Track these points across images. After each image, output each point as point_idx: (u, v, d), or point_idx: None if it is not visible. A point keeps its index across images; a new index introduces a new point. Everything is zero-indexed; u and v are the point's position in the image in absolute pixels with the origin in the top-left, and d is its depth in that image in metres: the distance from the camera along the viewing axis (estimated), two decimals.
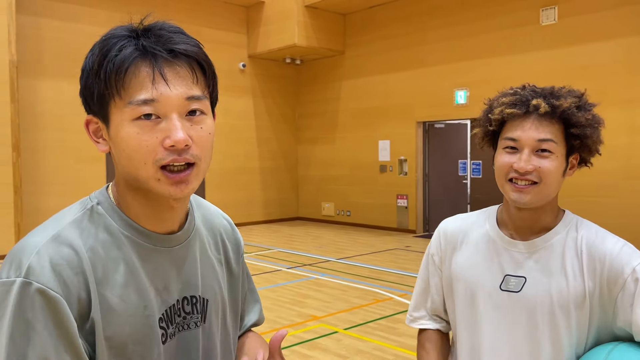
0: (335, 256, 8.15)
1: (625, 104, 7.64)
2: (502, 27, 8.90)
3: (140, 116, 0.81)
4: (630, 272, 1.15)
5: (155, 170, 0.83)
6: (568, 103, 1.21)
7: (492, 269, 1.28)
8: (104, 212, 0.89)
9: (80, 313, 0.80)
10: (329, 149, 11.90)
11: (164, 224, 0.91)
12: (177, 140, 0.81)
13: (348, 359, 4.04)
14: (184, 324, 0.94)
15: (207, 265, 1.00)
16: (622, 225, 7.68)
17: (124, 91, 0.82)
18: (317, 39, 10.86)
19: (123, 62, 0.81)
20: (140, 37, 0.84)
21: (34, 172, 8.89)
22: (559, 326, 1.20)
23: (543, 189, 1.20)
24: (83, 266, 0.82)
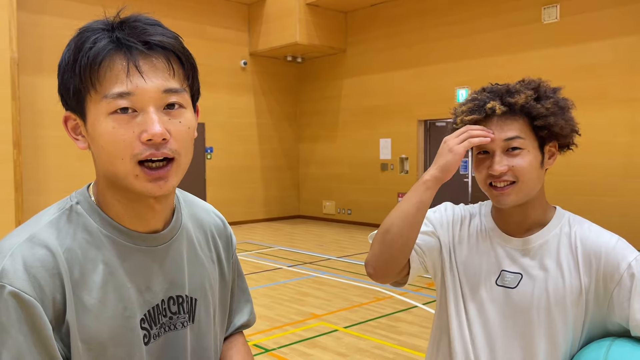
0: (336, 254, 8.15)
1: (627, 102, 7.62)
2: (504, 25, 8.88)
3: (117, 110, 0.79)
4: (627, 267, 1.16)
5: (133, 165, 0.80)
6: (523, 98, 1.21)
7: (489, 264, 1.28)
8: (83, 212, 0.87)
9: (56, 315, 0.79)
10: (330, 147, 11.90)
11: (147, 222, 0.89)
12: (154, 133, 0.78)
13: (348, 357, 4.04)
14: (170, 324, 0.92)
15: (195, 263, 0.98)
16: (623, 223, 7.67)
17: (99, 85, 0.80)
18: (318, 37, 10.85)
19: (97, 55, 0.79)
20: (115, 29, 0.82)
21: (34, 170, 8.90)
22: (555, 322, 1.20)
23: (522, 186, 1.21)
24: (59, 267, 0.80)
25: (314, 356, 4.05)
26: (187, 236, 0.97)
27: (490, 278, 1.27)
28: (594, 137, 7.93)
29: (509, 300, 1.24)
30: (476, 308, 1.27)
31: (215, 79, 10.95)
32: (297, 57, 11.92)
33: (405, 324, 4.35)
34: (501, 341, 1.24)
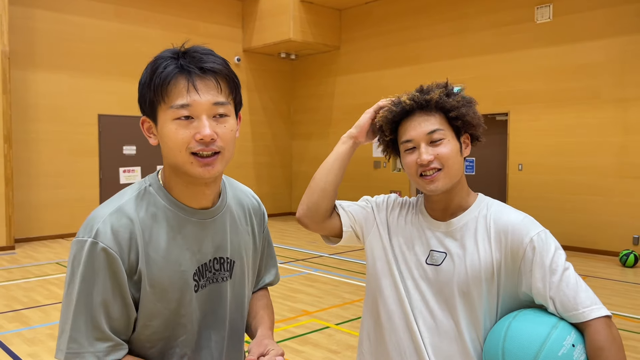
0: (327, 252, 8.16)
1: (619, 102, 7.67)
2: (497, 24, 8.91)
3: (180, 117, 1.09)
4: (529, 241, 1.32)
5: (188, 155, 1.11)
6: (437, 94, 1.40)
7: (421, 245, 1.45)
8: (154, 192, 1.18)
9: (131, 267, 1.11)
10: (323, 144, 11.90)
11: (199, 201, 1.20)
12: (205, 135, 1.09)
13: (339, 354, 4.05)
14: (214, 278, 1.24)
15: (235, 233, 1.29)
16: (613, 223, 7.73)
17: (167, 98, 1.10)
18: (312, 34, 10.84)
19: (166, 77, 1.10)
20: (180, 58, 1.12)
21: (25, 165, 8.83)
22: (472, 295, 1.35)
23: (448, 171, 1.37)
24: (135, 232, 1.12)
25: (305, 353, 4.05)
26: (230, 212, 1.28)
27: (421, 257, 1.43)
28: (586, 137, 7.98)
29: (436, 276, 1.40)
30: (413, 283, 1.43)
31: None
32: (291, 54, 11.90)
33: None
34: (431, 312, 1.39)
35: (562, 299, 1.26)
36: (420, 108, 1.40)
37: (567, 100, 8.14)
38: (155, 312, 1.14)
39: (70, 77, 9.25)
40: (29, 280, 6.38)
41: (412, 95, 1.42)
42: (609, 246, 7.67)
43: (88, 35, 9.40)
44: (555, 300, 1.27)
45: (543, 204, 8.19)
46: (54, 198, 9.01)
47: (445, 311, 1.37)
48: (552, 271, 1.28)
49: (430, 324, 1.38)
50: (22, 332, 4.56)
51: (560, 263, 1.29)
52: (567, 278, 1.28)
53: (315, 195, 1.51)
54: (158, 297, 1.14)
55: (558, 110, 8.16)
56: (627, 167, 7.64)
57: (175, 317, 1.17)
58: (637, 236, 7.57)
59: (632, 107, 7.57)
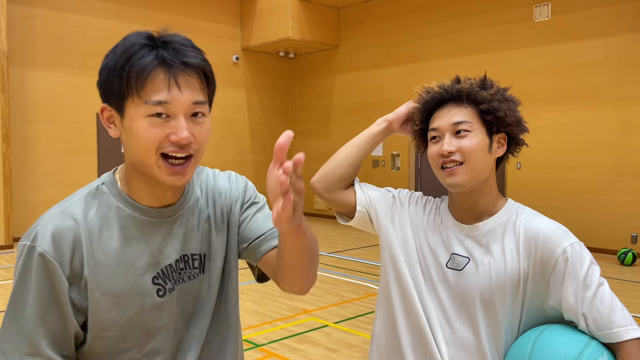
0: (326, 250, 8.16)
1: (617, 101, 7.68)
2: (496, 23, 8.91)
3: (154, 114, 0.97)
4: (562, 252, 1.23)
5: (157, 157, 0.99)
6: (468, 84, 1.33)
7: (442, 247, 1.36)
8: (107, 191, 1.08)
9: (74, 273, 1.01)
10: (322, 143, 11.90)
11: (161, 200, 1.09)
12: (182, 137, 0.98)
13: (338, 352, 4.05)
14: (179, 278, 1.12)
15: (204, 225, 1.16)
16: (611, 221, 7.75)
17: (142, 92, 0.97)
18: (311, 32, 10.83)
19: (144, 68, 0.96)
20: (159, 48, 0.99)
21: (24, 164, 8.82)
22: (495, 306, 1.27)
23: (470, 166, 1.29)
24: (80, 235, 1.02)
25: (304, 351, 4.06)
26: (198, 205, 1.16)
27: (442, 260, 1.35)
28: (584, 136, 7.99)
29: (456, 282, 1.32)
30: (430, 287, 1.35)
31: None
32: (290, 52, 11.90)
33: None
34: (448, 318, 1.32)
35: (595, 317, 1.18)
36: (451, 98, 1.33)
37: (565, 99, 8.15)
38: (108, 321, 1.04)
39: (68, 75, 9.24)
40: None
41: (443, 84, 1.35)
42: (607, 244, 7.69)
43: (87, 34, 9.39)
44: (588, 317, 1.19)
45: (542, 202, 8.20)
46: (52, 197, 8.99)
47: (464, 320, 1.29)
48: (586, 286, 1.19)
49: (448, 333, 1.31)
50: None
51: (595, 278, 1.21)
52: (602, 294, 1.19)
53: (334, 163, 1.52)
54: (111, 305, 1.03)
55: (556, 109, 8.17)
56: (626, 166, 7.65)
57: (135, 326, 1.06)
58: (635, 234, 7.58)
59: (630, 105, 7.58)
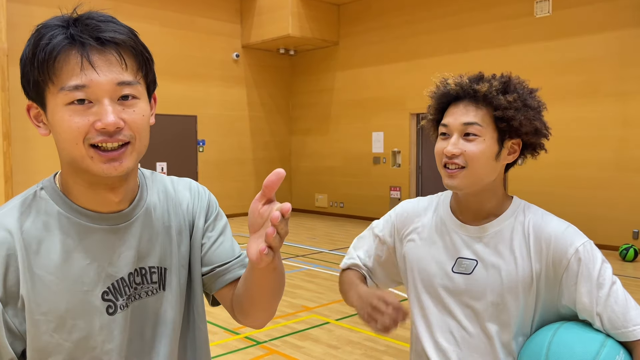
0: (328, 247, 8.16)
1: (618, 96, 7.66)
2: (497, 18, 8.89)
3: (74, 101, 0.86)
4: (574, 252, 1.21)
5: (87, 148, 0.87)
6: (486, 87, 1.25)
7: (445, 252, 1.33)
8: (47, 196, 0.95)
9: (9, 292, 0.89)
10: (323, 140, 11.89)
11: (108, 203, 0.96)
12: (107, 123, 0.86)
13: (339, 349, 4.05)
14: (135, 294, 0.99)
15: (164, 236, 1.03)
16: (613, 217, 7.74)
17: (55, 78, 0.86)
18: (311, 29, 10.81)
19: (52, 50, 0.85)
20: (70, 26, 0.88)
21: (25, 162, 8.83)
22: (507, 308, 1.25)
23: (470, 172, 1.24)
24: (15, 248, 0.89)
25: (305, 348, 4.06)
26: (155, 212, 1.03)
27: (446, 266, 1.31)
28: (585, 131, 7.97)
29: (465, 286, 1.28)
30: (433, 294, 1.33)
31: (207, 72, 10.90)
32: (290, 49, 11.88)
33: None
34: (457, 324, 1.29)
35: (611, 316, 1.17)
36: (468, 96, 1.26)
37: (566, 94, 8.13)
38: (51, 346, 0.91)
39: None
40: None
41: (460, 81, 1.28)
42: (608, 240, 7.68)
43: None
44: (603, 316, 1.18)
45: (543, 198, 8.18)
46: None
47: (474, 324, 1.27)
48: (600, 285, 1.19)
49: (459, 338, 1.29)
50: None
51: (608, 276, 1.20)
52: (616, 293, 1.19)
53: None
54: (54, 327, 0.90)
55: (557, 104, 8.14)
56: (627, 161, 7.63)
57: (83, 351, 0.93)
58: (636, 230, 7.57)
59: (631, 100, 7.56)
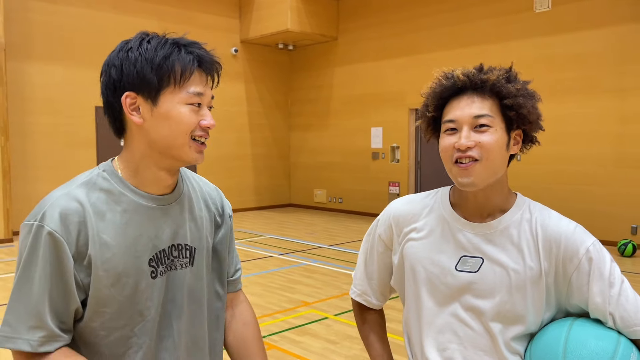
0: (326, 243, 8.17)
1: (617, 92, 7.66)
2: (496, 13, 8.87)
3: (194, 103, 1.15)
4: (585, 252, 1.21)
5: (189, 139, 1.15)
6: (495, 76, 1.23)
7: (448, 251, 1.29)
8: (108, 177, 1.17)
9: (79, 251, 1.10)
10: (322, 135, 11.87)
11: (160, 187, 1.20)
12: (211, 124, 1.17)
13: (338, 344, 4.06)
14: (172, 265, 1.22)
15: (195, 221, 1.28)
16: (612, 213, 7.75)
17: (185, 83, 1.14)
18: (310, 24, 10.78)
19: (187, 65, 1.14)
20: (187, 47, 1.17)
21: (23, 157, 8.81)
22: (515, 305, 1.23)
23: (486, 164, 1.21)
24: (85, 216, 1.11)
25: (304, 343, 4.07)
26: (189, 200, 1.28)
27: (449, 264, 1.28)
28: (584, 127, 7.97)
29: (470, 285, 1.26)
30: (435, 295, 1.30)
31: None
32: (289, 44, 11.85)
33: (394, 312, 4.37)
34: (462, 324, 1.27)
35: (623, 314, 1.18)
36: (473, 88, 1.24)
37: (565, 90, 8.12)
38: (108, 298, 1.12)
39: (66, 68, 9.20)
40: None
41: (467, 72, 1.26)
42: (607, 236, 7.69)
43: (85, 27, 9.34)
44: (615, 315, 1.18)
45: (541, 194, 8.19)
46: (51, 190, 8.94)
47: (478, 322, 1.26)
48: (611, 284, 1.19)
49: (463, 336, 1.27)
50: None
51: (617, 275, 1.21)
52: (626, 292, 1.20)
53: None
54: (111, 282, 1.12)
55: (556, 100, 8.14)
56: (625, 157, 7.64)
57: (130, 305, 1.15)
58: (635, 226, 7.58)
59: (630, 96, 7.56)
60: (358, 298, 1.51)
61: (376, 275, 1.46)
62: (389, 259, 1.43)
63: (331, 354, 3.88)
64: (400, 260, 1.39)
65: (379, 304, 1.51)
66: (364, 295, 1.49)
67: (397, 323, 4.41)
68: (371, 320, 1.52)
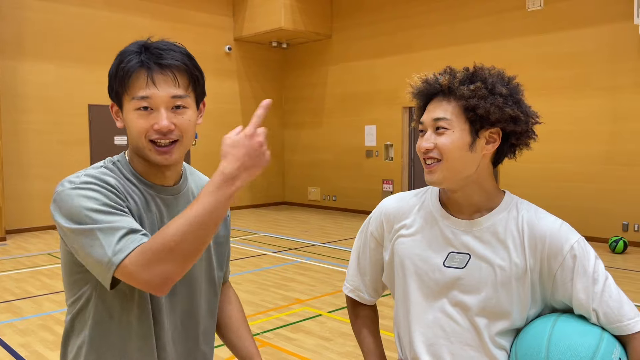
0: (320, 240, 8.19)
1: (609, 90, 7.71)
2: (489, 12, 8.90)
3: (140, 107, 1.18)
4: (569, 249, 1.23)
5: (147, 142, 1.20)
6: (447, 79, 1.26)
7: (436, 247, 1.32)
8: (122, 167, 1.26)
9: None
10: (315, 133, 11.88)
11: (161, 178, 1.28)
12: (161, 126, 1.18)
13: (332, 341, 4.08)
14: None
15: None
16: (603, 210, 7.80)
17: (129, 89, 1.19)
18: (303, 22, 10.78)
19: (129, 70, 1.18)
20: (142, 53, 1.20)
21: (15, 155, 8.77)
22: (501, 301, 1.25)
23: (447, 164, 1.25)
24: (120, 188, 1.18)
25: (298, 340, 4.08)
26: (192, 194, 1.35)
27: (437, 260, 1.31)
28: (576, 125, 8.02)
29: (457, 280, 1.28)
30: (424, 290, 1.32)
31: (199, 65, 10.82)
32: (282, 42, 11.84)
33: (387, 309, 4.39)
34: (450, 319, 1.29)
35: (606, 311, 1.20)
36: (440, 92, 1.28)
37: (557, 88, 8.17)
38: None
39: (59, 66, 9.16)
40: (21, 272, 6.36)
41: (427, 77, 1.31)
42: (598, 233, 7.75)
43: (77, 25, 9.30)
44: (599, 311, 1.21)
45: (534, 192, 8.24)
46: (44, 189, 8.96)
47: (464, 317, 1.28)
48: (595, 281, 1.21)
49: (450, 331, 1.29)
50: (14, 322, 4.55)
51: (601, 272, 1.23)
52: (609, 288, 1.22)
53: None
54: None
55: (548, 98, 8.19)
56: (617, 155, 7.69)
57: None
58: (626, 223, 7.64)
59: (622, 94, 7.61)
60: (351, 294, 1.53)
61: (369, 272, 1.48)
62: (380, 256, 1.45)
63: (325, 350, 3.90)
64: (390, 256, 1.41)
65: (372, 299, 1.53)
66: (357, 291, 1.52)
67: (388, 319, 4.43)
68: (364, 316, 1.54)
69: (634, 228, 7.59)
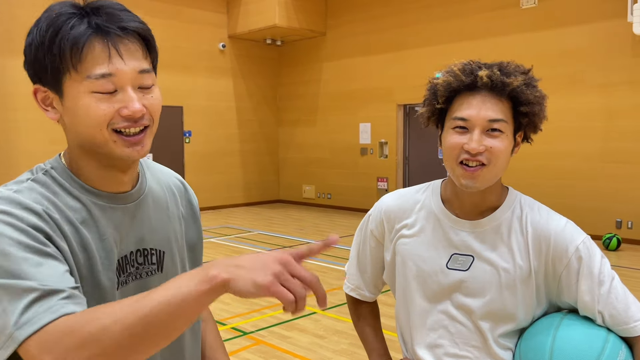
0: (315, 238, 8.17)
1: (603, 87, 7.73)
2: (483, 9, 8.90)
3: (100, 90, 0.89)
4: (574, 250, 1.20)
5: (110, 133, 0.91)
6: (518, 81, 1.19)
7: (438, 248, 1.28)
8: (57, 176, 0.95)
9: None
10: (310, 131, 11.86)
11: (117, 184, 0.99)
12: (134, 110, 0.90)
13: (326, 339, 4.06)
14: (137, 273, 1.03)
15: (162, 220, 1.08)
16: (597, 207, 7.83)
17: (80, 66, 0.88)
18: (298, 19, 10.74)
19: (78, 39, 0.87)
20: (91, 15, 0.90)
21: (5, 155, 8.70)
22: (505, 303, 1.23)
23: (492, 170, 1.19)
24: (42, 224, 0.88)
25: (292, 338, 4.07)
26: (153, 196, 1.08)
27: (440, 262, 1.27)
28: (570, 122, 8.04)
29: (461, 283, 1.25)
30: (427, 292, 1.29)
31: (193, 62, 10.80)
32: (277, 40, 11.80)
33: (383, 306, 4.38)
34: (455, 320, 1.26)
35: (612, 312, 1.17)
36: (490, 88, 1.19)
37: (551, 86, 8.17)
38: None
39: None
40: None
41: (490, 73, 1.19)
42: (592, 230, 7.77)
43: None
44: (605, 313, 1.18)
45: (528, 189, 8.23)
46: None
47: (468, 319, 1.25)
48: (600, 282, 1.18)
49: (455, 332, 1.26)
50: None
51: (607, 273, 1.19)
52: (616, 289, 1.18)
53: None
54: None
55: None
56: (611, 152, 7.71)
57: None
58: (620, 220, 7.67)
59: (616, 92, 7.62)
60: (352, 292, 1.51)
61: (369, 269, 1.46)
62: (381, 254, 1.43)
63: (319, 348, 3.89)
64: (392, 257, 1.38)
65: (372, 296, 1.52)
66: (358, 290, 1.50)
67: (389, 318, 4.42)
68: (366, 314, 1.52)
69: (628, 225, 7.62)
